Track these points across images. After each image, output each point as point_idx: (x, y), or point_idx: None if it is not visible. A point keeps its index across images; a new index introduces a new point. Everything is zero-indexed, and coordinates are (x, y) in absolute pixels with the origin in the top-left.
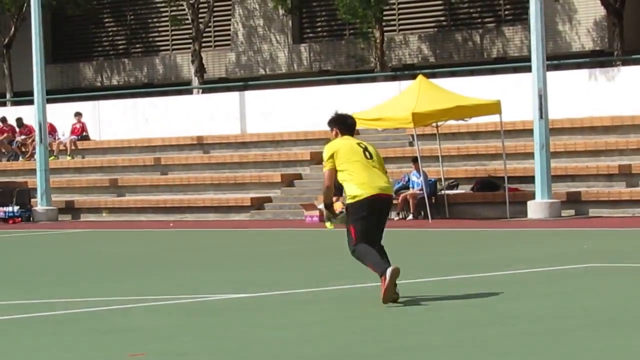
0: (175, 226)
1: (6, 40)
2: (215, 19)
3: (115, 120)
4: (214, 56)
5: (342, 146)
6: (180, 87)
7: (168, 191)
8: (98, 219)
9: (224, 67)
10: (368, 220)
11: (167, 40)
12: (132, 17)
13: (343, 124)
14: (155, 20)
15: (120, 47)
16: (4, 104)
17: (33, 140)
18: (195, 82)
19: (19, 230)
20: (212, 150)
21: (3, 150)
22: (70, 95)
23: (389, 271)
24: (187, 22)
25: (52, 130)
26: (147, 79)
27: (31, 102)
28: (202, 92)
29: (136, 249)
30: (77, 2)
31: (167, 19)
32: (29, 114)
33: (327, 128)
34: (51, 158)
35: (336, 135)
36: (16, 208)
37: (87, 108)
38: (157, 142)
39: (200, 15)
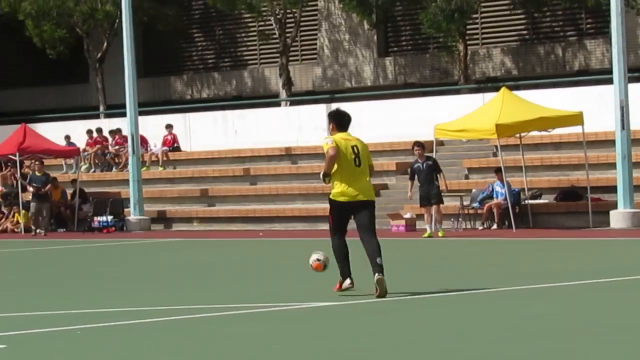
0: (265, 235)
1: (99, 55)
2: (302, 33)
3: (206, 131)
4: (301, 69)
5: (341, 144)
6: (268, 99)
7: (257, 201)
8: (189, 228)
9: (310, 80)
10: (340, 217)
11: (255, 54)
12: (220, 32)
13: (340, 121)
14: (243, 35)
15: (210, 61)
16: (97, 117)
17: (126, 151)
18: (283, 94)
19: (112, 240)
20: (300, 161)
21: (97, 162)
22: (161, 107)
23: (348, 282)
24: (274, 36)
25: (144, 141)
26: (236, 92)
27: (123, 115)
28: (290, 105)
29: (227, 257)
30: (167, 18)
31: (255, 33)
32: (121, 126)
33: (413, 139)
34: (143, 169)
35: (332, 130)
36: (110, 218)
37: (178, 120)
38: (247, 153)
39: (287, 30)
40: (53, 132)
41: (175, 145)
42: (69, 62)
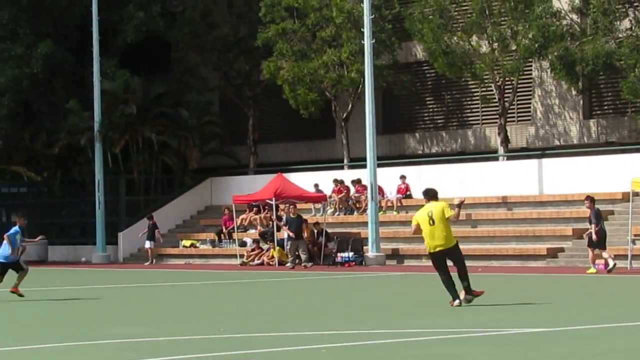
0: (483, 271)
1: (344, 115)
2: (518, 98)
3: (434, 182)
4: (517, 129)
5: (420, 218)
6: (488, 154)
7: (477, 241)
8: (419, 263)
9: (525, 138)
10: (433, 260)
11: (478, 116)
12: (448, 97)
13: (427, 195)
14: (467, 99)
15: (439, 121)
16: (341, 168)
17: (366, 198)
18: (501, 150)
19: (353, 272)
20: (515, 208)
21: (340, 206)
22: (396, 160)
23: (457, 302)
24: (494, 100)
25: (381, 190)
26: (460, 148)
27: (364, 167)
28: (507, 160)
29: None
30: (403, 84)
31: (477, 98)
32: (362, 177)
33: (612, 190)
34: (380, 213)
35: (426, 201)
36: (351, 254)
37: (410, 172)
38: (469, 201)
39: (505, 95)
40: (304, 180)
41: (408, 193)
42: (319, 121)
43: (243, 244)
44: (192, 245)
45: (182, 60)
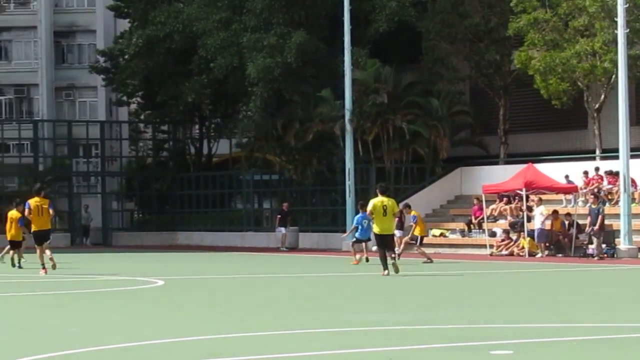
0: None
1: (597, 105)
2: None
3: None
4: None
5: (375, 204)
6: None
7: None
8: None
9: None
10: (379, 241)
11: None
12: None
13: (380, 190)
14: None
15: None
16: (592, 159)
17: (618, 190)
18: None
19: (604, 265)
20: None
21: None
22: None
23: (387, 271)
24: None
25: (634, 182)
26: None
27: (616, 158)
28: None
29: None
30: None
31: None
32: (613, 168)
33: None
34: (633, 205)
35: (376, 195)
36: (603, 246)
37: None
38: None
39: None
40: (554, 171)
41: None
42: (570, 111)
43: (493, 234)
44: (441, 234)
45: (432, 50)
